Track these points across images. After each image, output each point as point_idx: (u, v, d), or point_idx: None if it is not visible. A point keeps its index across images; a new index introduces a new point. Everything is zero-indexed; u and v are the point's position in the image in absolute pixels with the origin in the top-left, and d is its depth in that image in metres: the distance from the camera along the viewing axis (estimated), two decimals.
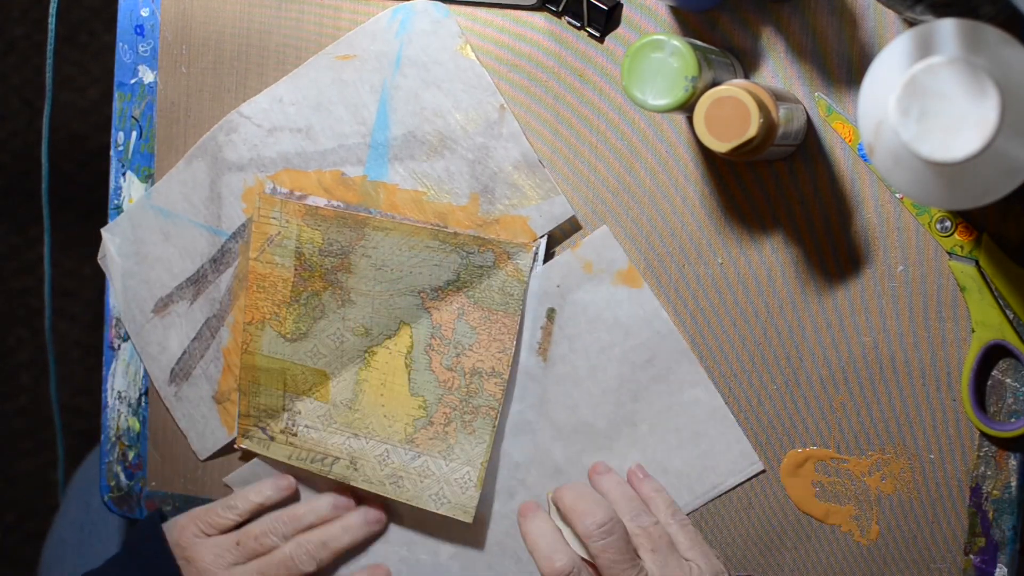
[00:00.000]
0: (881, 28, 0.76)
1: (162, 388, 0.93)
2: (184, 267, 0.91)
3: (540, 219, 0.83)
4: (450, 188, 0.84)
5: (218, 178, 0.89)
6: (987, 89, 0.57)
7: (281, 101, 0.87)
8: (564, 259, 0.83)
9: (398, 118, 0.85)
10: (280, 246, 0.87)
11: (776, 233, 0.79)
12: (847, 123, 0.77)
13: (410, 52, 0.84)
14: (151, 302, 0.93)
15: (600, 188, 0.82)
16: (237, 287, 0.90)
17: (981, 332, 0.76)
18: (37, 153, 1.78)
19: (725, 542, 0.83)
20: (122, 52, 0.91)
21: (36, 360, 1.85)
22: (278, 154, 0.88)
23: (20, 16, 1.82)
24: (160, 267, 0.92)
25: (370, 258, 0.85)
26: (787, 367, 0.80)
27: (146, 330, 0.93)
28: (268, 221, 0.88)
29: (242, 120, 0.88)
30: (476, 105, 0.83)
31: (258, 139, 0.88)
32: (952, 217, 0.76)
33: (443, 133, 0.84)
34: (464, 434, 0.85)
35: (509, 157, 0.83)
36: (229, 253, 0.90)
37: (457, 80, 0.83)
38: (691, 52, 0.68)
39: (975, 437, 0.77)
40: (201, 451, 0.93)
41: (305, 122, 0.87)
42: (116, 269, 0.94)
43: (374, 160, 0.86)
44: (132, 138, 0.92)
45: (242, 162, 0.88)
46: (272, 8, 0.87)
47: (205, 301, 0.91)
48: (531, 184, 0.83)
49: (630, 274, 0.81)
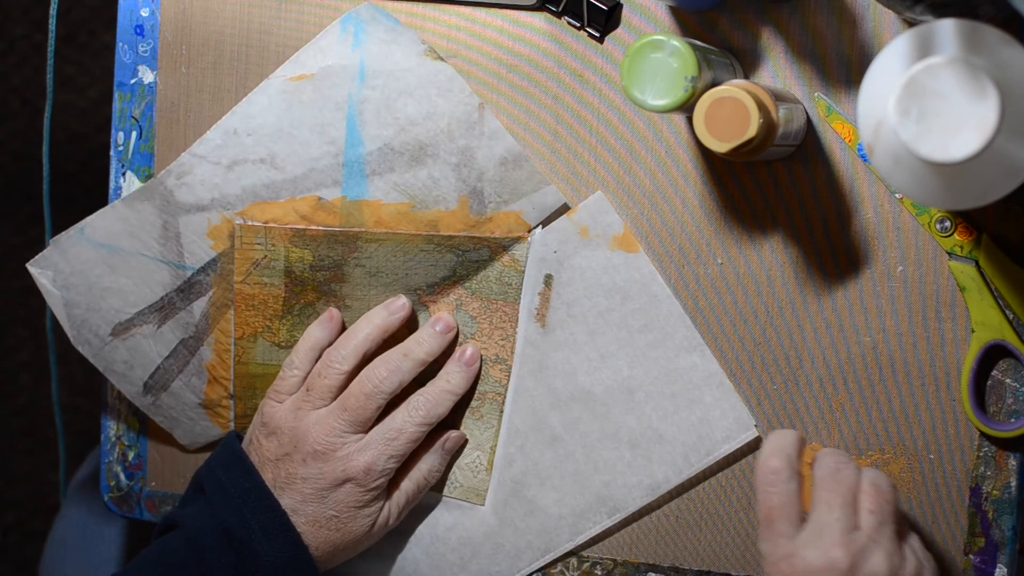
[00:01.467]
0: (880, 28, 0.76)
1: (136, 399, 0.92)
2: (143, 295, 0.88)
3: (533, 211, 0.83)
4: (437, 195, 0.83)
5: (172, 219, 0.86)
6: (987, 89, 0.57)
7: (236, 133, 0.84)
8: (560, 225, 0.83)
9: (371, 132, 0.83)
10: (268, 268, 0.86)
11: (776, 234, 0.79)
12: (847, 123, 0.77)
13: (373, 63, 0.82)
14: (106, 327, 0.89)
15: (599, 188, 0.82)
16: (215, 313, 0.88)
17: (981, 332, 0.76)
18: (37, 153, 1.78)
19: (725, 542, 0.83)
20: (122, 52, 0.91)
21: (36, 360, 1.85)
22: (243, 189, 0.84)
23: (20, 16, 1.82)
24: (113, 296, 0.88)
25: (364, 267, 0.85)
26: (787, 367, 0.80)
27: (106, 351, 0.90)
28: (252, 247, 0.85)
29: (196, 160, 0.85)
30: (453, 108, 0.82)
31: (218, 177, 0.85)
32: (952, 217, 0.76)
33: (422, 141, 0.82)
34: (472, 420, 0.85)
35: (494, 155, 0.82)
36: (199, 284, 0.87)
37: (430, 85, 0.82)
38: (691, 52, 0.68)
39: (975, 437, 0.77)
40: (189, 443, 0.92)
41: (267, 151, 0.84)
42: (55, 300, 0.90)
43: (351, 179, 0.83)
44: (132, 138, 0.92)
45: (202, 203, 0.85)
46: (272, 8, 0.87)
47: (176, 324, 0.88)
48: (520, 178, 0.82)
49: (626, 239, 0.82)
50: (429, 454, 0.85)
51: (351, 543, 0.83)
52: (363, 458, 0.81)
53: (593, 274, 0.82)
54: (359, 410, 0.82)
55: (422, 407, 0.83)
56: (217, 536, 0.80)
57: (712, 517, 0.83)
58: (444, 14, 0.84)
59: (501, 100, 0.83)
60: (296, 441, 0.82)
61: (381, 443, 0.82)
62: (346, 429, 0.81)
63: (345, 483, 0.81)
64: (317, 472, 0.81)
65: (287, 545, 0.80)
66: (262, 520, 0.80)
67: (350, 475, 0.81)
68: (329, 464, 0.81)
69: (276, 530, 0.80)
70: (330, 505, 0.81)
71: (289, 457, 0.82)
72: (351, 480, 0.81)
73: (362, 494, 0.82)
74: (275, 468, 0.82)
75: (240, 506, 0.81)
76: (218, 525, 0.80)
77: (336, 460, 0.81)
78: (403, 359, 0.83)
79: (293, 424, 0.82)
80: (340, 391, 0.83)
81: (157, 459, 0.95)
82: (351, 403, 0.82)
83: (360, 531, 0.82)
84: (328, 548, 0.82)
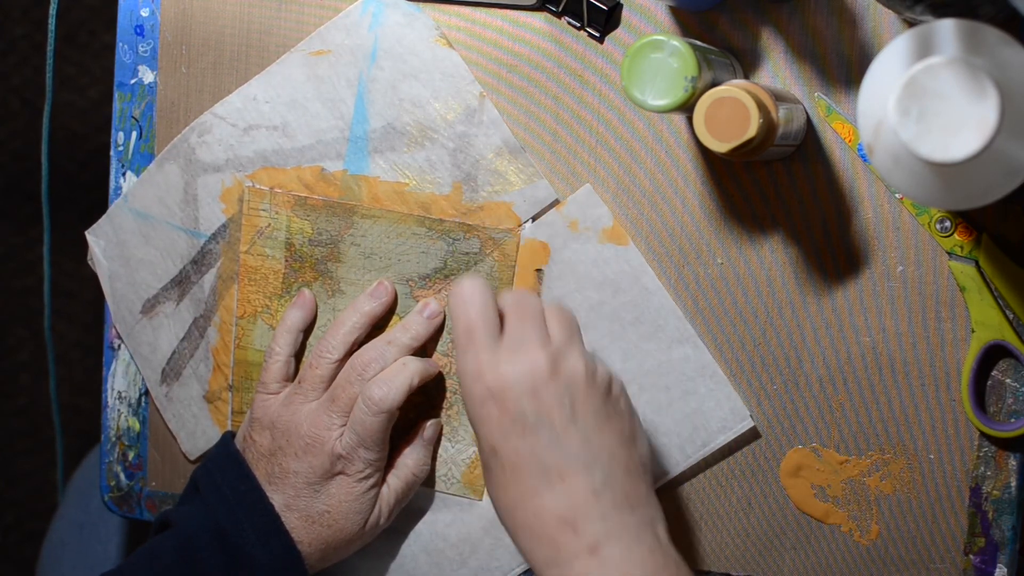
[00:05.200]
0: (880, 28, 0.76)
1: (154, 389, 0.93)
2: (167, 268, 0.91)
3: (524, 204, 0.83)
4: (432, 178, 0.84)
5: (193, 180, 0.89)
6: (987, 89, 0.57)
7: (255, 99, 0.87)
8: (550, 219, 0.83)
9: (376, 110, 0.85)
10: (270, 238, 0.88)
11: (775, 234, 0.79)
12: (846, 123, 0.77)
13: (386, 45, 0.84)
14: (139, 303, 0.93)
15: (599, 190, 0.82)
16: (221, 287, 0.90)
17: (981, 332, 0.76)
18: (37, 153, 1.78)
19: (725, 542, 0.83)
20: (122, 52, 0.91)
21: (36, 360, 1.85)
22: (255, 153, 0.87)
23: (20, 16, 1.82)
24: (144, 269, 0.92)
25: (359, 247, 0.86)
26: (787, 367, 0.80)
27: (136, 331, 0.93)
28: (257, 214, 0.88)
29: (216, 120, 0.88)
30: (455, 94, 0.83)
31: (234, 139, 0.88)
32: (952, 217, 0.76)
33: (423, 123, 0.84)
34: (466, 415, 0.85)
35: (490, 144, 0.83)
36: (210, 255, 0.90)
37: (435, 70, 0.84)
38: (691, 52, 0.68)
39: (975, 437, 0.77)
40: (192, 451, 0.93)
41: (281, 119, 0.87)
42: (103, 271, 0.94)
43: (354, 154, 0.86)
44: (132, 138, 0.92)
45: (218, 163, 0.88)
46: (272, 8, 0.88)
47: (191, 302, 0.91)
48: (513, 170, 0.83)
49: (615, 231, 0.82)
50: (411, 448, 0.85)
51: (343, 542, 0.83)
52: (341, 444, 0.81)
53: (584, 267, 0.82)
54: (347, 400, 0.82)
55: (376, 381, 0.82)
56: (210, 537, 0.81)
57: (712, 517, 0.83)
58: (444, 14, 0.84)
59: (501, 100, 0.83)
60: (288, 435, 0.82)
61: (357, 428, 0.82)
62: (335, 421, 0.82)
63: (336, 476, 0.82)
64: (308, 466, 0.82)
65: (280, 548, 0.80)
66: (256, 522, 0.81)
67: (337, 466, 0.81)
68: (319, 458, 0.81)
69: (269, 533, 0.81)
70: (323, 500, 0.82)
71: (282, 451, 0.82)
72: (341, 473, 0.82)
73: (353, 486, 0.82)
74: (268, 463, 0.83)
75: (234, 507, 0.81)
76: (212, 526, 0.81)
77: (325, 454, 0.81)
78: (387, 346, 0.83)
79: (287, 418, 0.83)
80: (331, 381, 0.84)
81: (157, 459, 0.95)
82: (338, 393, 0.82)
83: (352, 528, 0.83)
84: (320, 546, 0.82)
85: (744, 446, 0.81)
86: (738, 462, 0.82)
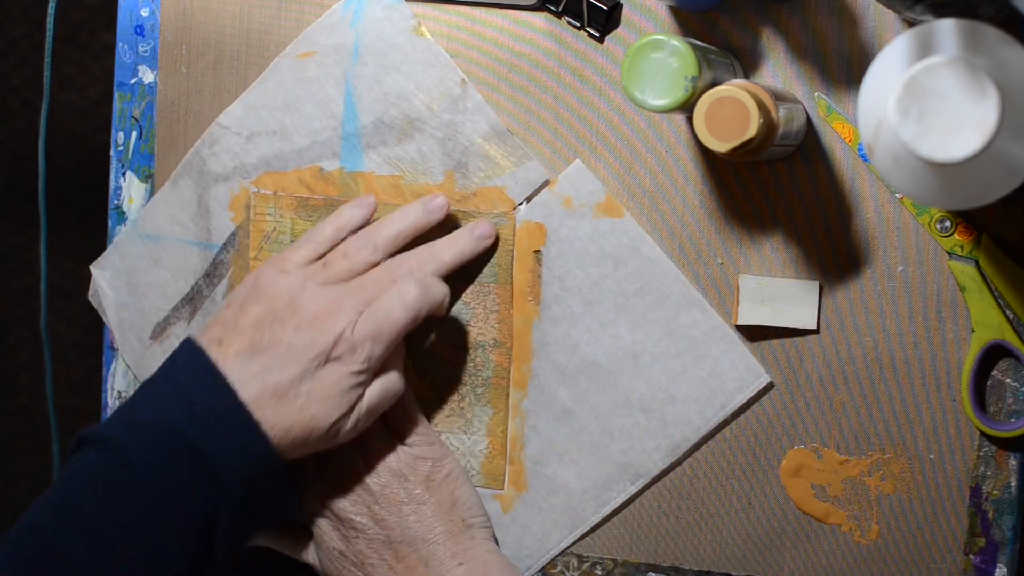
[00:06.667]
0: (880, 28, 0.76)
1: None
2: (178, 287, 0.91)
3: (516, 186, 0.83)
4: (424, 168, 0.85)
5: (205, 192, 0.89)
6: (987, 89, 0.57)
7: (254, 107, 0.88)
8: (543, 198, 0.83)
9: (364, 106, 0.86)
10: (276, 242, 0.88)
11: (776, 233, 0.79)
12: (847, 123, 0.77)
13: (367, 40, 0.85)
14: (147, 329, 0.92)
15: (598, 184, 0.82)
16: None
17: (981, 332, 0.76)
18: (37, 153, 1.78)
19: (725, 542, 0.83)
20: (122, 52, 0.91)
21: (36, 360, 1.85)
22: (258, 159, 0.88)
23: (20, 16, 1.82)
24: (153, 293, 0.91)
25: None
26: (787, 367, 0.80)
27: (146, 358, 0.92)
28: (264, 218, 0.88)
29: (222, 131, 0.89)
30: (438, 83, 0.84)
31: (239, 147, 0.88)
32: (952, 217, 0.76)
33: (409, 115, 0.85)
34: (479, 406, 0.85)
35: (478, 130, 0.83)
36: (221, 265, 0.90)
37: (416, 61, 0.84)
38: (691, 52, 0.68)
39: (975, 437, 0.77)
40: None
41: (278, 124, 0.87)
42: (109, 303, 0.92)
43: (348, 151, 0.86)
44: (132, 138, 0.92)
45: (226, 172, 0.89)
46: (272, 8, 0.88)
47: (202, 318, 0.91)
48: (502, 153, 0.83)
49: (609, 204, 0.82)
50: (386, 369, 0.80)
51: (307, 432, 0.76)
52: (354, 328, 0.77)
53: (582, 244, 0.82)
54: (374, 291, 0.78)
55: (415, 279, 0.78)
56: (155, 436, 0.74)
57: (712, 517, 0.83)
58: (444, 14, 0.84)
59: (502, 100, 0.84)
60: (295, 307, 0.77)
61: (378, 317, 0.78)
62: (355, 307, 0.77)
63: (330, 361, 0.76)
64: (307, 341, 0.76)
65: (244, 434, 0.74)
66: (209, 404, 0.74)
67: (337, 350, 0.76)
68: (324, 335, 0.76)
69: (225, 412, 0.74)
70: (306, 382, 0.76)
71: (280, 321, 0.77)
72: (338, 359, 0.77)
73: (343, 378, 0.77)
74: (256, 332, 0.77)
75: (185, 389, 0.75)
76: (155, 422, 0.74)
77: (331, 332, 0.76)
78: (430, 258, 0.80)
79: (296, 292, 0.78)
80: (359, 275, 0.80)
81: None
82: (367, 283, 0.78)
83: (323, 422, 0.76)
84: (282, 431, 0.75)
85: (758, 402, 0.80)
86: (738, 462, 0.82)
